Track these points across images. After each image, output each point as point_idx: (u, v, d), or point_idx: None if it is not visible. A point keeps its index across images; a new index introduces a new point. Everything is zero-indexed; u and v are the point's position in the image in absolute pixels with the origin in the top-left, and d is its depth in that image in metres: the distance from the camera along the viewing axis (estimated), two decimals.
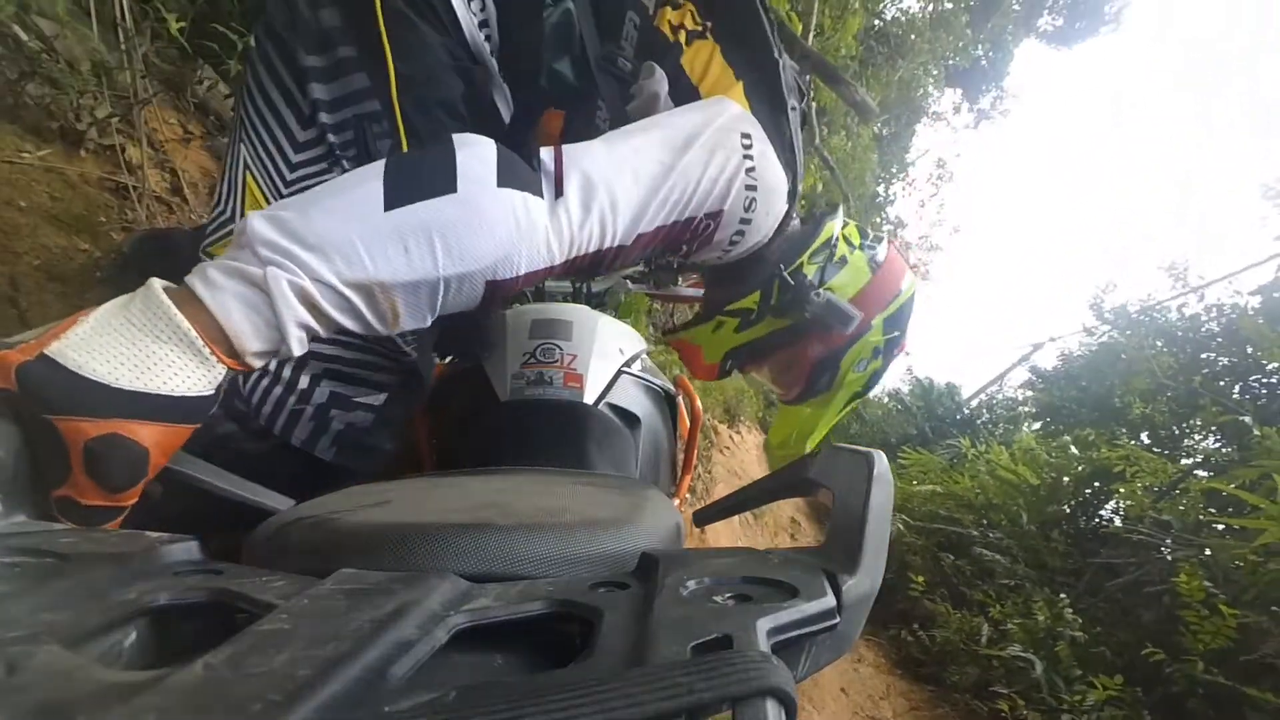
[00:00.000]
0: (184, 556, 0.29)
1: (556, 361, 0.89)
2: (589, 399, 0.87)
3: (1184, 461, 3.20)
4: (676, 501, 1.05)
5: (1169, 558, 2.37)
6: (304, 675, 0.17)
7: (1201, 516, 2.50)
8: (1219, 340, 3.80)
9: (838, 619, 0.25)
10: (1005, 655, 2.31)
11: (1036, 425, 5.29)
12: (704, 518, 0.45)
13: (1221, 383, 3.52)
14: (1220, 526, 2.39)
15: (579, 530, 0.33)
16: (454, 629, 0.23)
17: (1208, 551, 2.25)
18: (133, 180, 1.10)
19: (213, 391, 0.40)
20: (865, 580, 0.28)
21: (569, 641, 0.26)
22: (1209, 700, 1.80)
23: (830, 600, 0.25)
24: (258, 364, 0.42)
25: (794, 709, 0.18)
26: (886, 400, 7.96)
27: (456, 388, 0.98)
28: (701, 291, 1.37)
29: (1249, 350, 3.44)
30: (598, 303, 1.18)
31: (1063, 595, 2.52)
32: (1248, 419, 2.74)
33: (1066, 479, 3.39)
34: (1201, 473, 2.87)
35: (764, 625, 0.22)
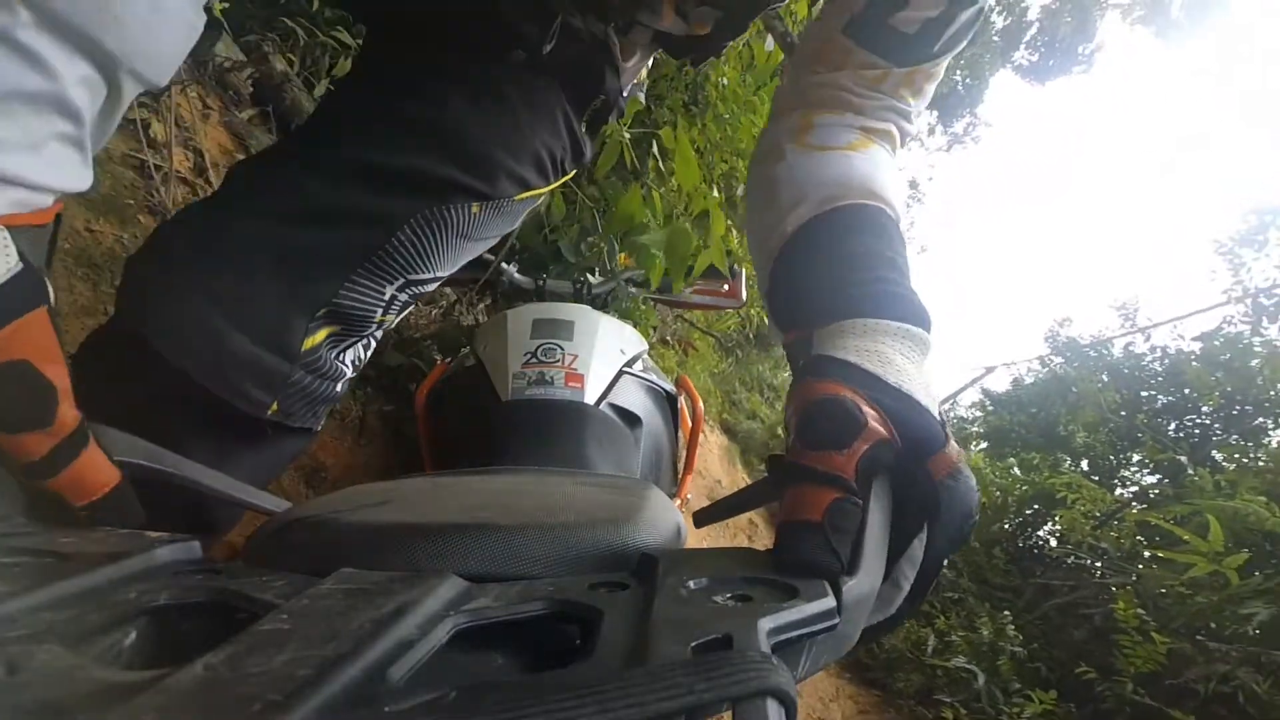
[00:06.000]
0: (184, 556, 0.29)
1: (558, 361, 0.89)
2: (590, 399, 0.87)
3: (1118, 491, 3.39)
4: (678, 501, 1.05)
5: (1104, 582, 2.50)
6: (304, 675, 0.17)
7: (1136, 547, 2.63)
8: (1160, 379, 4.04)
9: (838, 619, 0.25)
10: (950, 666, 2.39)
11: (984, 445, 5.36)
12: (704, 518, 0.44)
13: (1160, 419, 3.76)
14: (1150, 554, 2.52)
15: (579, 530, 0.33)
16: (454, 629, 0.23)
17: (1135, 578, 2.37)
18: (156, 159, 1.10)
19: (19, 262, 0.33)
20: (865, 580, 0.28)
21: (569, 641, 0.26)
22: (1135, 719, 1.91)
23: (830, 600, 0.25)
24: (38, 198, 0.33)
25: (794, 709, 0.18)
26: None
27: (457, 387, 0.98)
28: (709, 298, 1.37)
29: (1187, 391, 3.67)
30: (601, 304, 1.19)
31: (1006, 612, 2.63)
32: (1183, 458, 2.92)
33: (1010, 499, 3.49)
34: (1137, 505, 3.02)
35: (764, 625, 0.22)
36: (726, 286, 1.28)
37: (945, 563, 0.35)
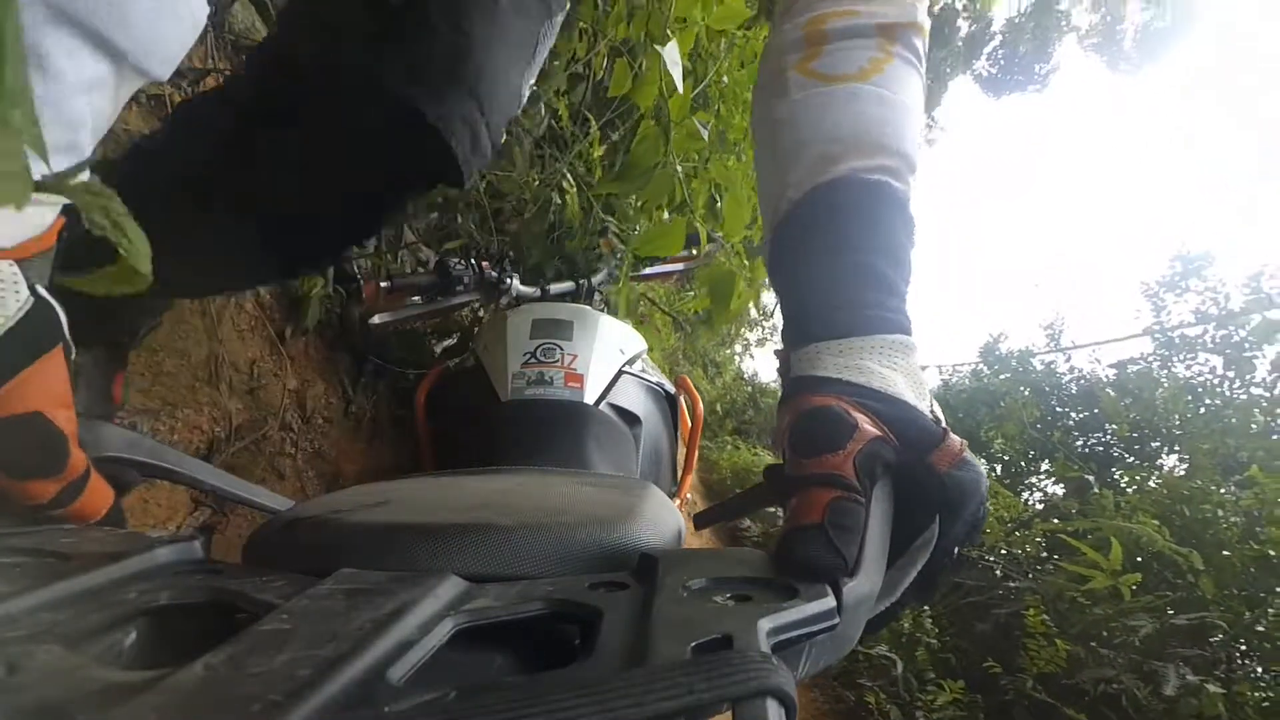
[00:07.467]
0: (184, 556, 0.29)
1: (557, 361, 0.89)
2: (589, 399, 0.87)
3: (1025, 495, 3.81)
4: (677, 501, 1.05)
5: (1012, 586, 2.73)
6: (304, 675, 0.17)
7: (1041, 554, 2.91)
8: (1075, 398, 4.50)
9: (838, 619, 0.25)
10: (872, 653, 2.56)
11: None
12: (704, 520, 0.45)
13: (1072, 435, 4.19)
14: (1054, 564, 2.72)
15: (579, 530, 0.33)
16: (454, 629, 0.23)
17: (1038, 581, 2.59)
18: None
19: (30, 297, 0.31)
20: (865, 581, 0.28)
21: (569, 641, 0.26)
22: (1032, 712, 2.13)
23: (830, 601, 0.25)
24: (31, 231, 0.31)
25: (794, 709, 0.18)
26: (764, 403, 8.15)
27: (457, 387, 0.98)
28: (676, 266, 1.38)
29: (1095, 412, 4.12)
30: (602, 297, 1.18)
31: (925, 608, 2.80)
32: (1090, 478, 3.19)
33: None
34: (1046, 517, 3.27)
35: (764, 625, 0.22)
36: (694, 251, 1.28)
37: (956, 551, 0.35)
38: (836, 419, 0.32)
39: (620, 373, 0.94)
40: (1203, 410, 3.64)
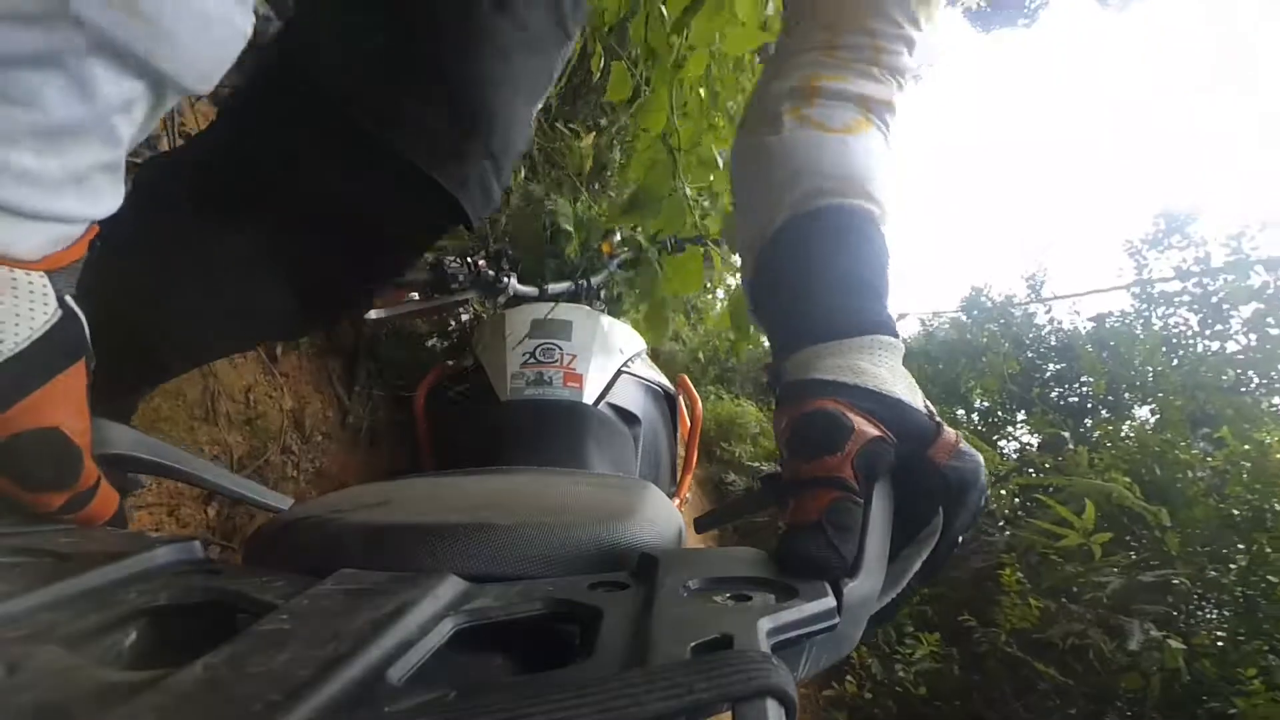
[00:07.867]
0: (184, 556, 0.29)
1: (556, 361, 0.89)
2: (589, 399, 0.87)
3: (1001, 444, 3.92)
4: (677, 501, 1.05)
5: (987, 539, 2.80)
6: (304, 675, 0.17)
7: (1015, 500, 3.00)
8: (1054, 351, 4.69)
9: (838, 619, 0.25)
10: None
11: None
12: (704, 524, 0.45)
13: (1049, 387, 4.41)
14: (1029, 520, 2.79)
15: (578, 529, 0.33)
16: (454, 629, 0.23)
17: (1011, 536, 2.68)
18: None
19: (58, 309, 0.31)
20: (866, 581, 0.28)
21: (569, 641, 0.26)
22: (1004, 664, 2.24)
23: (830, 601, 0.25)
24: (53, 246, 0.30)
25: (794, 709, 0.18)
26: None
27: (457, 388, 0.98)
28: None
29: (1072, 364, 4.33)
30: (600, 295, 1.19)
31: None
32: (1066, 434, 3.28)
33: None
34: (1022, 471, 3.36)
35: (764, 625, 0.22)
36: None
37: (960, 540, 0.35)
38: (834, 421, 0.33)
39: (619, 373, 0.94)
40: (1175, 363, 3.82)
